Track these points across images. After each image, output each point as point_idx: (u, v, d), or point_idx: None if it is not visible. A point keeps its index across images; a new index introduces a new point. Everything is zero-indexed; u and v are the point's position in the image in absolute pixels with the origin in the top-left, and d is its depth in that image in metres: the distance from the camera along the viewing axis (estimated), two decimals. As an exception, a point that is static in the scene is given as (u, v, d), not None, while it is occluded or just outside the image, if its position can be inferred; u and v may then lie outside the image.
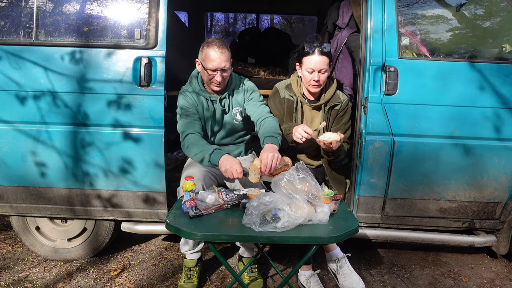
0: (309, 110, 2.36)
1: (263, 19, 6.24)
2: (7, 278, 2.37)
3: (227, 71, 2.15)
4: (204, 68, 2.12)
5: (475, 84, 2.21)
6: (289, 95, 2.35)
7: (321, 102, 2.31)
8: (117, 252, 2.73)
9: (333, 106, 2.33)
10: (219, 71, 2.10)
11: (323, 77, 2.20)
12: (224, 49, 2.11)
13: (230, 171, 1.91)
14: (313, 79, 2.19)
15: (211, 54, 2.08)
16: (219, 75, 2.11)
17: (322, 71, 2.18)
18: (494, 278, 2.49)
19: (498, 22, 2.42)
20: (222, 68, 2.10)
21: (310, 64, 2.18)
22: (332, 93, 2.31)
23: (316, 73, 2.18)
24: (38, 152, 2.31)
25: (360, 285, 2.01)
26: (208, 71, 2.11)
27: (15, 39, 2.26)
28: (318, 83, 2.20)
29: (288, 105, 2.35)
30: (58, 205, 2.41)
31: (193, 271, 2.28)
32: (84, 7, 2.32)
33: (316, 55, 2.16)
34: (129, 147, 2.29)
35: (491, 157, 2.27)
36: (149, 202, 2.39)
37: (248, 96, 2.32)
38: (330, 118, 2.35)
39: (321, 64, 2.17)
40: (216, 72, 2.11)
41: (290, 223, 1.56)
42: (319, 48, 2.17)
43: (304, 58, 2.21)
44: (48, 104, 2.27)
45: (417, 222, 2.42)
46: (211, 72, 2.11)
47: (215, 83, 2.15)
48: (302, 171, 1.73)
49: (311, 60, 2.18)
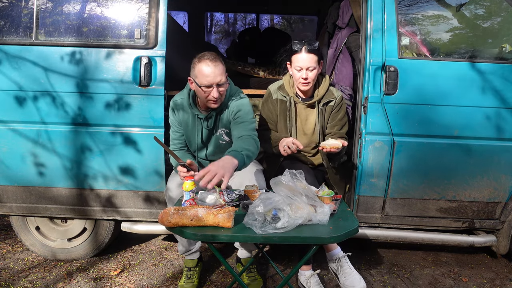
0: (303, 109, 2.36)
1: (263, 19, 6.24)
2: (7, 278, 2.37)
3: (224, 85, 1.99)
4: (198, 85, 1.96)
5: (475, 84, 2.21)
6: (282, 95, 2.35)
7: (315, 99, 2.31)
8: (117, 252, 2.73)
9: (327, 103, 2.33)
10: (214, 86, 1.94)
11: (311, 74, 2.20)
12: (218, 62, 1.95)
13: (181, 175, 1.93)
14: (302, 76, 2.20)
15: (204, 69, 1.92)
16: (216, 91, 1.95)
17: (310, 68, 2.19)
18: (494, 278, 2.49)
19: (498, 22, 2.42)
20: (218, 83, 1.94)
21: (298, 62, 2.19)
22: (325, 90, 2.32)
23: (304, 71, 2.19)
24: (38, 152, 2.31)
25: (361, 284, 2.02)
26: (203, 87, 1.95)
27: (15, 39, 2.26)
28: (306, 80, 2.20)
29: (281, 106, 2.35)
30: (58, 205, 2.41)
31: (193, 271, 2.28)
32: (84, 7, 2.32)
33: (303, 53, 2.18)
34: (129, 147, 2.29)
35: (491, 157, 2.27)
36: (149, 202, 2.39)
37: (234, 117, 2.11)
38: (325, 115, 2.35)
39: (308, 62, 2.17)
40: (211, 88, 1.95)
41: (290, 223, 1.56)
42: (306, 46, 2.17)
43: (293, 56, 2.22)
44: (47, 104, 2.27)
45: (417, 222, 2.42)
46: (206, 89, 1.95)
47: (212, 100, 1.98)
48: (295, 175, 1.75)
49: (298, 58, 2.19)
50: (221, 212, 1.58)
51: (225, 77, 2.00)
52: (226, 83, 2.01)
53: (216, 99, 1.99)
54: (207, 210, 1.61)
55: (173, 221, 1.58)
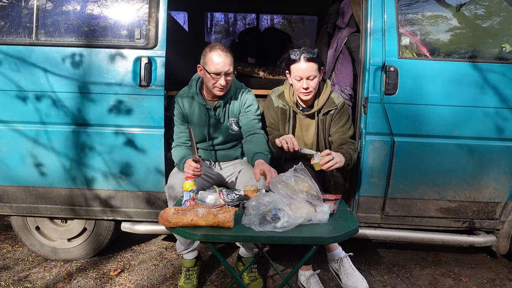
0: (303, 119, 2.30)
1: (263, 19, 6.23)
2: (7, 278, 2.37)
3: (231, 75, 2.12)
4: (208, 72, 2.09)
5: (475, 84, 2.21)
6: (282, 104, 2.28)
7: (314, 109, 2.24)
8: (117, 252, 2.73)
9: (327, 112, 2.26)
10: (223, 74, 2.07)
11: (312, 83, 2.13)
12: (228, 52, 2.09)
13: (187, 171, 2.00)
14: (302, 86, 2.13)
15: (214, 58, 2.06)
16: (223, 79, 2.08)
17: (310, 77, 2.12)
18: (494, 278, 2.50)
19: (498, 22, 2.42)
20: (226, 72, 2.07)
21: (297, 72, 2.12)
22: (325, 99, 2.24)
23: (304, 80, 2.11)
24: (38, 152, 2.31)
25: (364, 284, 2.00)
26: (212, 74, 2.07)
27: (15, 39, 2.26)
28: (307, 90, 2.13)
29: (282, 114, 2.29)
30: (58, 205, 2.41)
31: (192, 271, 2.28)
32: (84, 7, 2.32)
33: (302, 62, 2.10)
34: (129, 147, 2.29)
35: (491, 157, 2.27)
36: (149, 202, 2.39)
37: (245, 109, 2.27)
38: (326, 124, 2.28)
39: (308, 71, 2.10)
40: (220, 76, 2.08)
41: (290, 223, 1.56)
42: (305, 54, 2.10)
43: (291, 66, 2.15)
44: (47, 104, 2.27)
45: (417, 222, 2.42)
46: (214, 76, 2.08)
47: (219, 87, 2.11)
48: (301, 172, 1.74)
49: (297, 67, 2.11)
50: (221, 212, 1.59)
51: (233, 68, 2.12)
52: (233, 74, 2.14)
53: (223, 87, 2.11)
54: (207, 210, 1.61)
55: (173, 221, 1.58)
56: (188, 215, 1.58)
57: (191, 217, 1.58)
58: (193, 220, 1.58)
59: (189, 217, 1.58)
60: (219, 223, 1.57)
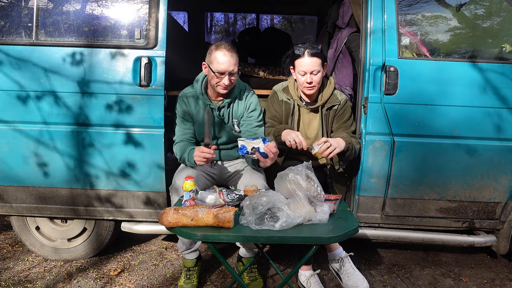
0: (307, 113, 2.34)
1: (263, 19, 6.23)
2: (7, 278, 2.37)
3: (235, 75, 2.13)
4: (212, 70, 2.09)
5: (475, 84, 2.21)
6: (287, 97, 2.33)
7: (318, 104, 2.29)
8: (117, 252, 2.73)
9: (330, 107, 2.31)
10: (227, 74, 2.08)
11: (316, 78, 2.18)
12: (233, 52, 2.10)
13: (198, 158, 2.04)
14: (306, 81, 2.18)
15: (220, 57, 2.06)
16: (227, 79, 2.08)
17: (314, 72, 2.17)
18: (494, 278, 2.50)
19: (498, 22, 2.42)
20: (230, 72, 2.08)
21: (301, 66, 2.18)
22: (329, 94, 2.29)
23: (308, 75, 2.17)
24: (38, 152, 2.31)
25: (365, 284, 2.01)
26: (216, 73, 2.08)
27: (15, 39, 2.26)
28: (311, 84, 2.18)
29: (286, 108, 2.34)
30: (58, 205, 2.41)
31: (192, 271, 2.28)
32: (84, 7, 2.32)
33: (306, 57, 2.16)
34: (129, 147, 2.29)
35: (491, 157, 2.27)
36: (149, 202, 2.39)
37: (248, 113, 2.28)
38: (329, 119, 2.33)
39: (312, 66, 2.16)
40: (224, 75, 2.08)
41: (288, 223, 1.56)
42: (309, 49, 2.15)
43: (296, 61, 2.21)
44: (47, 104, 2.27)
45: (417, 222, 2.42)
46: (219, 75, 2.08)
47: (222, 86, 2.11)
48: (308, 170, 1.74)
49: (301, 62, 2.17)
50: (221, 212, 1.59)
51: (237, 68, 2.12)
52: (237, 74, 2.14)
53: (226, 86, 2.11)
54: (207, 210, 1.61)
55: (173, 221, 1.59)
56: (188, 215, 1.58)
57: (191, 217, 1.58)
58: (193, 220, 1.58)
59: (189, 217, 1.58)
60: (219, 223, 1.57)
